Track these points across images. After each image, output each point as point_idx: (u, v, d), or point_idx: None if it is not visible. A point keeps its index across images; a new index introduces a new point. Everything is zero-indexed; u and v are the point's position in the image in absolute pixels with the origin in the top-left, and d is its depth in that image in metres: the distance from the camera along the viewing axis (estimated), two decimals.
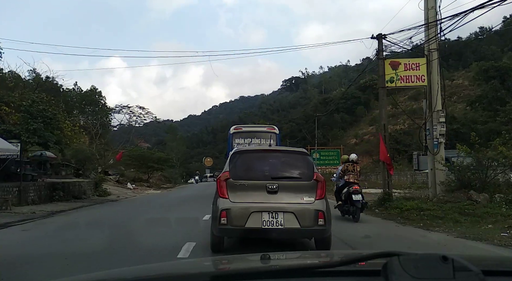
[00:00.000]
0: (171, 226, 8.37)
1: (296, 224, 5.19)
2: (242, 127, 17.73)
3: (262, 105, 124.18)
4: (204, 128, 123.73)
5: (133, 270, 1.67)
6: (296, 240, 6.25)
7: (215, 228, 5.36)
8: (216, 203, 5.43)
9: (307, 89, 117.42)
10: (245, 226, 5.17)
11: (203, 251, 5.72)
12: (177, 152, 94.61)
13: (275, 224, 5.17)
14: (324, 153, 31.53)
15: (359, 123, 72.90)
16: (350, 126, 71.58)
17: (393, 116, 71.99)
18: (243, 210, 5.23)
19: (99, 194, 19.73)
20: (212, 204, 5.72)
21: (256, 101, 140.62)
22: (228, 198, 5.32)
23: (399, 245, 6.70)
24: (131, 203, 17.74)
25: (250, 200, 5.30)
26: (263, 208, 5.21)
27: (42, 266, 5.11)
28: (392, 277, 1.02)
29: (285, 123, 78.78)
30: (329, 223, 5.38)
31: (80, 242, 6.72)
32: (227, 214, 5.21)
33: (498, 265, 1.53)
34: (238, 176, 5.44)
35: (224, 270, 1.55)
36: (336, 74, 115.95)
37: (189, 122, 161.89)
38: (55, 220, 10.93)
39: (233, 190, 5.35)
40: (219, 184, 5.44)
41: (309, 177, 5.48)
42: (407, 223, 9.29)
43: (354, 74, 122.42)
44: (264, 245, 5.55)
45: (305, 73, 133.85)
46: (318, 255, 2.74)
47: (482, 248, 6.26)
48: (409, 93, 75.31)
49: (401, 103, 71.95)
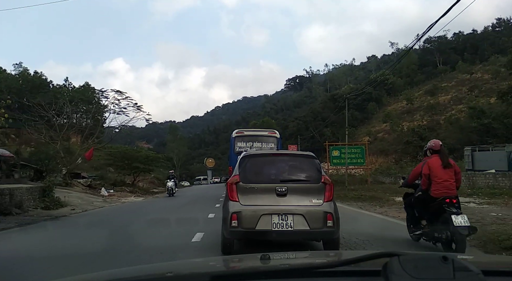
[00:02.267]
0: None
1: (305, 226, 5.23)
2: (244, 131, 18.09)
3: (265, 105, 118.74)
4: (206, 128, 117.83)
5: (133, 270, 1.67)
6: (305, 242, 6.18)
7: (226, 230, 5.38)
8: (226, 206, 5.50)
9: (312, 88, 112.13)
10: (255, 228, 5.21)
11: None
12: (178, 152, 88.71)
13: (284, 226, 5.21)
14: (345, 150, 25.04)
15: (370, 120, 66.55)
16: (361, 124, 65.34)
17: (408, 112, 65.27)
18: (253, 213, 5.28)
19: (46, 205, 13.42)
20: (222, 207, 5.83)
21: (259, 102, 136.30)
22: (239, 201, 5.40)
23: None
24: (74, 223, 11.39)
25: (260, 202, 5.34)
26: (272, 210, 5.26)
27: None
28: (392, 277, 1.01)
29: (291, 121, 72.53)
30: (338, 224, 5.39)
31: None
32: (238, 217, 5.26)
33: (498, 265, 1.51)
34: (248, 180, 5.53)
35: (224, 270, 1.53)
36: (341, 72, 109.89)
37: (191, 123, 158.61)
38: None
39: (243, 193, 5.43)
40: (229, 188, 5.54)
41: (317, 180, 5.55)
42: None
43: (360, 72, 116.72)
44: (272, 247, 5.64)
45: (310, 72, 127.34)
46: (318, 255, 2.69)
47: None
48: (425, 88, 68.68)
49: (416, 99, 65.35)
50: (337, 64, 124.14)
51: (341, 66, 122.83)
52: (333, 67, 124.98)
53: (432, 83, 67.20)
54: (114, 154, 27.85)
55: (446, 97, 62.71)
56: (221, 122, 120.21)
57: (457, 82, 67.43)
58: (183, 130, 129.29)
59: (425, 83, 73.40)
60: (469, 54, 77.01)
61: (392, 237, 7.33)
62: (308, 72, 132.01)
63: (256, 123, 66.69)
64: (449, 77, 70.37)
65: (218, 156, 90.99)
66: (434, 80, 70.58)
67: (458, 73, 70.36)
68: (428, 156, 6.22)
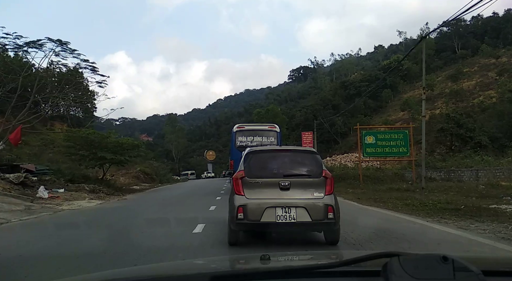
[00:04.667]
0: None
1: (307, 217, 5.43)
2: (244, 126, 18.19)
3: (268, 95, 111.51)
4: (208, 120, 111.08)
5: (133, 270, 1.65)
6: (307, 233, 6.48)
7: (233, 223, 5.60)
8: (232, 200, 5.72)
9: (317, 78, 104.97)
10: (260, 220, 5.44)
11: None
12: (177, 144, 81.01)
13: (288, 218, 5.42)
14: (383, 136, 17.87)
15: (385, 109, 59.35)
16: (375, 113, 58.25)
17: (427, 99, 57.17)
18: (258, 206, 5.48)
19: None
20: (228, 200, 6.04)
21: (262, 95, 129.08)
22: (244, 194, 5.59)
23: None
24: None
25: (264, 196, 5.55)
26: (276, 203, 5.47)
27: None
28: (392, 277, 1.01)
29: (298, 111, 65.11)
30: (338, 216, 5.63)
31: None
32: (243, 210, 5.46)
33: (498, 265, 1.50)
34: (252, 174, 5.71)
35: (224, 270, 1.51)
36: (347, 62, 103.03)
37: (193, 116, 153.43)
38: None
39: (248, 187, 5.62)
40: (235, 182, 5.73)
41: (318, 174, 5.75)
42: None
43: (367, 62, 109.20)
44: (276, 238, 6.04)
45: (315, 62, 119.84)
46: (318, 255, 2.46)
47: None
48: (445, 73, 61.21)
49: (435, 85, 57.97)
50: (343, 54, 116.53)
51: (347, 57, 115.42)
52: (339, 57, 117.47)
53: (454, 68, 59.91)
54: (73, 139, 20.61)
55: (470, 83, 56.20)
56: (223, 114, 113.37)
57: (480, 67, 60.48)
58: (185, 122, 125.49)
59: (443, 69, 66.12)
60: (490, 38, 69.60)
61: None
62: (313, 62, 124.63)
63: (261, 112, 60.08)
64: (471, 63, 63.42)
65: (219, 148, 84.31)
66: (454, 66, 63.27)
67: (480, 58, 63.06)
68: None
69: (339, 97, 62.32)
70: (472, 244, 5.93)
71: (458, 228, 7.38)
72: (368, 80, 64.55)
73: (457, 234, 6.84)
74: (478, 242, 6.07)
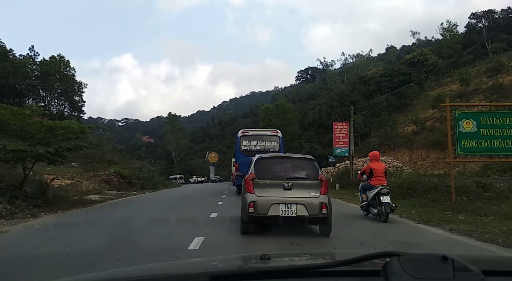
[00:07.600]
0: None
1: (305, 212, 6.57)
2: (248, 131, 18.58)
3: (275, 96, 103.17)
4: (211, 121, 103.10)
5: (133, 270, 1.62)
6: (305, 225, 7.53)
7: (245, 215, 6.77)
8: (244, 197, 6.91)
9: (327, 79, 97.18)
10: (267, 214, 6.58)
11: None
12: (177, 145, 71.98)
13: (289, 213, 6.54)
14: (491, 120, 9.23)
15: (410, 106, 51.00)
16: (398, 111, 49.82)
17: (462, 96, 48.79)
18: (265, 202, 6.61)
19: None
20: (241, 198, 7.31)
21: (268, 97, 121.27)
22: (254, 193, 6.73)
23: None
24: None
25: (271, 194, 6.69)
26: (280, 200, 6.60)
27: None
28: (392, 277, 1.00)
29: (311, 109, 56.69)
30: (331, 212, 6.77)
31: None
32: (254, 205, 6.60)
33: (498, 265, 1.48)
34: (261, 176, 6.88)
35: (224, 270, 1.48)
36: (358, 63, 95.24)
37: (197, 118, 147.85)
38: None
39: (258, 187, 6.78)
40: (247, 183, 6.88)
41: (315, 177, 6.91)
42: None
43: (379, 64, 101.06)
44: (279, 227, 7.17)
45: (324, 62, 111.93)
46: (318, 255, 2.51)
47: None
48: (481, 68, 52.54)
49: (471, 81, 49.52)
50: (354, 54, 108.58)
51: (358, 57, 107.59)
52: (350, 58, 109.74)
53: (494, 61, 51.58)
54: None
55: (510, 77, 47.53)
56: (228, 115, 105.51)
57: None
58: (188, 124, 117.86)
59: (472, 65, 57.74)
60: (506, 34, 61.60)
61: None
62: (322, 62, 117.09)
63: (269, 108, 51.83)
64: (508, 57, 54.77)
65: (222, 150, 76.05)
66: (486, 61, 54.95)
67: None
68: None
69: (358, 93, 54.16)
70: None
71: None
72: (391, 75, 56.36)
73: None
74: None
